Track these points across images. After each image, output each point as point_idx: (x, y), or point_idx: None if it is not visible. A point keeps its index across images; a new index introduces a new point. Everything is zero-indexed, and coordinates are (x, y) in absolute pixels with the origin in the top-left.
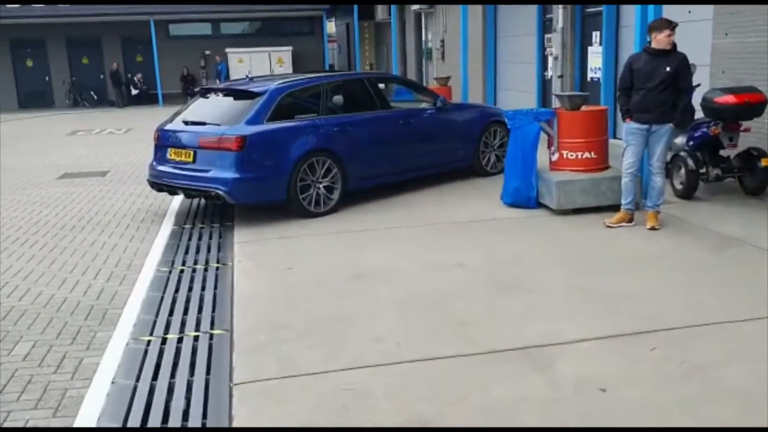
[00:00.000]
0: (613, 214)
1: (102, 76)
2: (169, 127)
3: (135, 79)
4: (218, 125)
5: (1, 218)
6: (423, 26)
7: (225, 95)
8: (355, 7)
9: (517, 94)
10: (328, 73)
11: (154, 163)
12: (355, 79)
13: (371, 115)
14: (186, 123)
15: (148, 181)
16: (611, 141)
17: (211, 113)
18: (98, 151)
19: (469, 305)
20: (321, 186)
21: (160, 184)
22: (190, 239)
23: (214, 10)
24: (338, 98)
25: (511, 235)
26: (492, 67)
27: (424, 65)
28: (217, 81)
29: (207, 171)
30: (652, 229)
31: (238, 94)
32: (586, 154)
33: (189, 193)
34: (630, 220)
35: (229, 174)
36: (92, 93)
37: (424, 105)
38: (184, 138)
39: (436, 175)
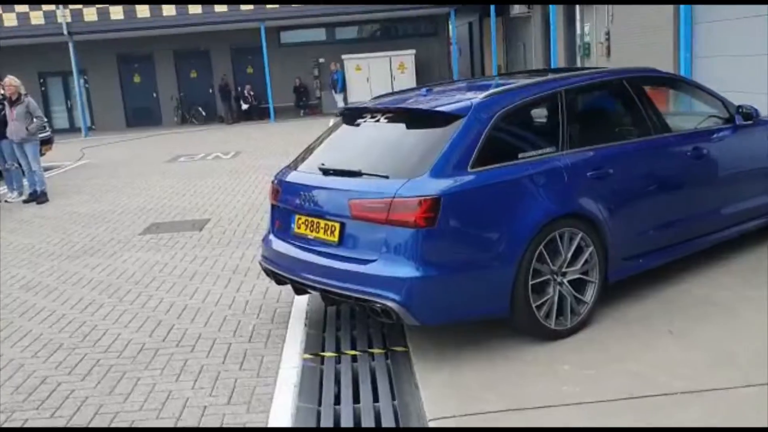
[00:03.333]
0: None
1: (211, 91)
2: (294, 178)
3: (245, 92)
4: (385, 177)
5: (14, 342)
6: (577, 17)
7: (389, 120)
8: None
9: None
10: (562, 74)
11: (271, 237)
12: (609, 80)
13: (644, 144)
14: (325, 172)
15: (260, 264)
16: None
17: (368, 154)
18: (199, 187)
19: None
20: (566, 281)
21: (278, 274)
22: (337, 400)
23: (329, 12)
24: (585, 116)
25: None
26: (688, 62)
27: (579, 64)
28: (333, 92)
29: (365, 262)
30: None
31: (414, 118)
32: None
33: (331, 300)
34: None
35: (408, 270)
36: (200, 109)
37: (707, 123)
38: (321, 198)
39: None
